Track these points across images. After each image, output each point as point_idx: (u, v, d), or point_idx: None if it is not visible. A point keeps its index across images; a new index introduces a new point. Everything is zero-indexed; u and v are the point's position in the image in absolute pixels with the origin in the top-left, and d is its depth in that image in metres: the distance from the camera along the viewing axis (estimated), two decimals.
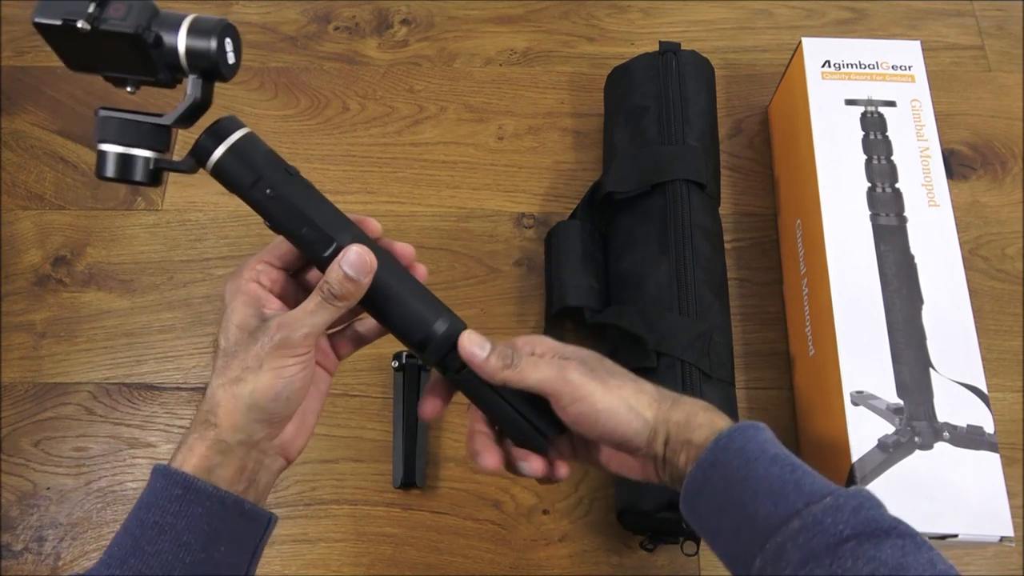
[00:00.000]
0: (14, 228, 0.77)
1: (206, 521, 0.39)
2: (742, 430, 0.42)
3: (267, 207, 0.42)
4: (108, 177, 0.40)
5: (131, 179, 0.40)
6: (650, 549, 0.63)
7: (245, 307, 0.41)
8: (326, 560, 0.64)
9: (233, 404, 0.40)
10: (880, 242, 0.63)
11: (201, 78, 0.40)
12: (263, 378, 0.39)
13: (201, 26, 0.39)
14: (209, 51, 0.39)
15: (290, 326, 0.40)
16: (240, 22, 0.87)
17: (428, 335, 0.43)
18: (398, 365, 0.68)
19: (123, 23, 0.38)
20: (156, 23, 0.39)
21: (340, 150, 0.81)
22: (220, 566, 0.39)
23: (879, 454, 0.56)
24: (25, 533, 0.65)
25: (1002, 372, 0.69)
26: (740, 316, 0.72)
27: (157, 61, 0.39)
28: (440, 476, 0.67)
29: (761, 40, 0.86)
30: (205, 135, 0.42)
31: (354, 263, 0.40)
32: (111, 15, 0.38)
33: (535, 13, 0.88)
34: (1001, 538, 0.54)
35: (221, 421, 0.40)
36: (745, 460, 0.41)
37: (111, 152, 0.40)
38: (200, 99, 0.41)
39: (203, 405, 0.40)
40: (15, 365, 0.71)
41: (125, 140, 0.40)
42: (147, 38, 0.38)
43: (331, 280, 0.40)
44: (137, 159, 0.40)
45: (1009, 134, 0.81)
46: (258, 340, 0.40)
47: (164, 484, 0.39)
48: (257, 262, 0.43)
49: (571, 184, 0.78)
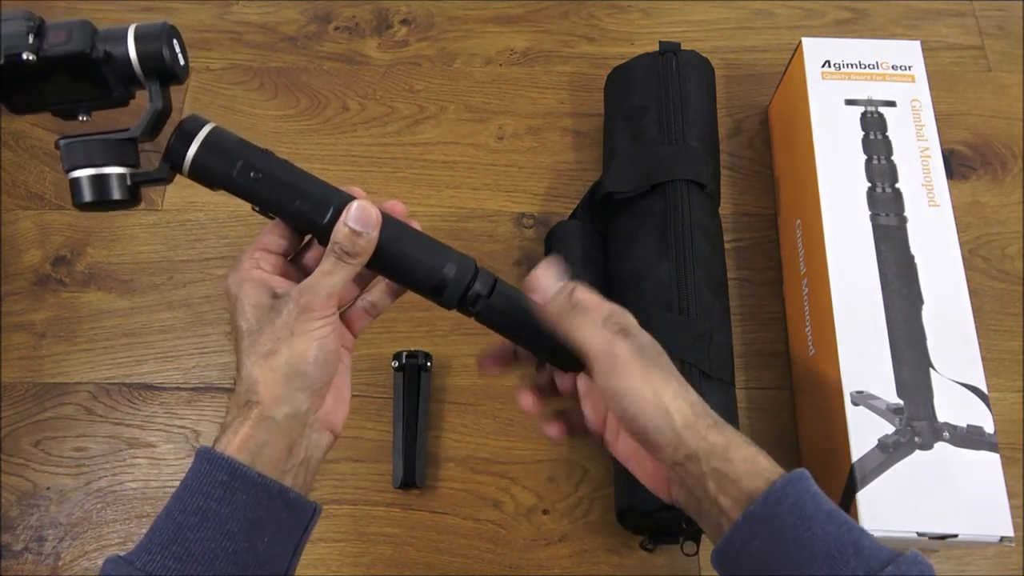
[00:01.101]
0: (14, 228, 0.77)
1: (250, 509, 0.38)
2: (795, 482, 0.39)
3: (255, 191, 0.42)
4: (87, 203, 0.40)
5: (110, 199, 0.40)
6: (650, 549, 0.63)
7: (256, 290, 0.41)
8: (326, 560, 0.64)
9: (272, 376, 0.39)
10: (880, 242, 0.63)
11: (158, 84, 0.40)
12: (297, 344, 0.40)
13: (147, 33, 0.39)
14: (161, 54, 0.39)
15: (311, 290, 0.40)
16: (240, 22, 0.87)
17: (442, 279, 0.43)
18: (398, 365, 0.68)
19: (68, 45, 0.37)
20: (99, 40, 0.38)
21: (340, 150, 0.81)
22: (263, 556, 0.39)
23: (879, 454, 0.56)
24: (25, 533, 0.65)
25: (1002, 372, 0.69)
26: (740, 316, 0.72)
27: (109, 78, 0.39)
28: (440, 476, 0.67)
29: (761, 40, 0.86)
30: (174, 138, 0.41)
31: (359, 218, 0.41)
32: (53, 41, 0.37)
33: (535, 13, 0.88)
34: (1001, 538, 0.54)
35: (263, 397, 0.39)
36: (801, 518, 0.38)
37: (84, 176, 0.39)
38: (162, 106, 0.41)
39: (239, 388, 0.40)
40: (15, 365, 0.71)
41: (95, 161, 0.39)
42: (95, 55, 0.38)
43: (340, 239, 0.41)
44: (112, 177, 0.40)
45: (1009, 134, 0.81)
46: (282, 311, 0.40)
47: (208, 468, 0.38)
48: (253, 251, 0.43)
49: (571, 184, 0.78)
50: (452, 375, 0.70)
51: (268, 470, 0.39)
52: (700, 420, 0.41)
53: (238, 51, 0.86)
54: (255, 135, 0.81)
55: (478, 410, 0.69)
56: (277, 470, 0.40)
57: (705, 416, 0.42)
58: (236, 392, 0.40)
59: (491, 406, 0.69)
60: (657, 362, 0.43)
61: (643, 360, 0.42)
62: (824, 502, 0.39)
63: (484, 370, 0.50)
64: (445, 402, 0.69)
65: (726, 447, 0.40)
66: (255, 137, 0.86)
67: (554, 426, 0.49)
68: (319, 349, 0.40)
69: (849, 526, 0.38)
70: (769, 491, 0.38)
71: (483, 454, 0.67)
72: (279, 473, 0.40)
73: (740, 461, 0.40)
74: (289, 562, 0.41)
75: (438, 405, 0.69)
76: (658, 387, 0.41)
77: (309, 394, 0.41)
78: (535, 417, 0.49)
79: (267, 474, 0.39)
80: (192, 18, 0.87)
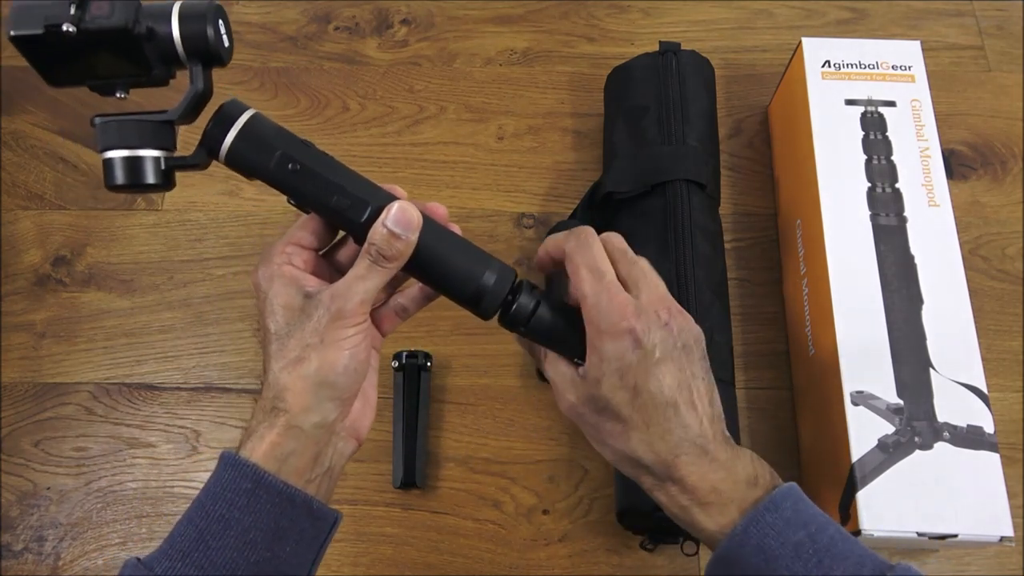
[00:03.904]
0: (14, 228, 0.77)
1: (273, 519, 0.37)
2: (757, 520, 0.38)
3: (293, 183, 0.40)
4: (119, 185, 0.38)
5: (143, 183, 0.39)
6: (650, 549, 0.63)
7: (286, 288, 0.39)
8: (326, 560, 0.63)
9: (301, 385, 0.38)
10: (880, 242, 0.63)
11: (201, 65, 0.38)
12: (327, 353, 0.38)
13: (193, 11, 0.37)
14: (205, 34, 0.37)
15: (344, 295, 0.38)
16: (240, 22, 0.87)
17: (480, 288, 0.41)
18: (398, 365, 0.68)
19: (111, 19, 0.36)
20: (143, 16, 0.37)
21: (340, 150, 0.80)
22: (284, 565, 0.38)
23: (879, 454, 0.56)
24: (25, 533, 0.65)
25: (1002, 372, 0.69)
26: (740, 316, 0.72)
27: (150, 56, 0.37)
28: (440, 476, 0.67)
29: (761, 40, 0.86)
30: (212, 123, 0.40)
31: (400, 220, 0.39)
32: (95, 14, 0.36)
33: (535, 13, 0.88)
34: (1001, 538, 0.54)
35: (291, 405, 0.38)
36: (765, 559, 0.37)
37: (118, 158, 0.38)
38: (203, 88, 0.39)
39: (266, 393, 0.38)
40: (15, 365, 0.71)
41: (131, 142, 0.38)
42: (138, 31, 0.36)
43: (377, 241, 0.39)
44: (147, 160, 0.38)
45: (1009, 134, 0.81)
46: (312, 316, 0.38)
47: (232, 475, 0.37)
48: (285, 245, 0.41)
49: (571, 184, 0.78)
50: (452, 375, 0.70)
51: (293, 479, 0.38)
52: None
53: (238, 51, 0.86)
54: None
55: (478, 410, 0.69)
56: (302, 479, 0.39)
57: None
58: (263, 396, 0.39)
59: (491, 406, 0.69)
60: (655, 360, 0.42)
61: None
62: (794, 532, 0.38)
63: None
64: (445, 402, 0.69)
65: (700, 482, 0.40)
66: None
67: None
68: (350, 358, 0.39)
69: (820, 558, 0.37)
70: (732, 533, 0.38)
71: (483, 454, 0.67)
72: (303, 482, 0.39)
73: (708, 492, 0.40)
74: (308, 570, 0.40)
75: (438, 405, 0.69)
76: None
77: (338, 403, 0.39)
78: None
79: (292, 483, 0.38)
80: None
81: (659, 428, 0.40)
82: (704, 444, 0.40)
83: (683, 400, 0.41)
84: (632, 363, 0.40)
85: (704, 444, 0.40)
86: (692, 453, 0.40)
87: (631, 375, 0.40)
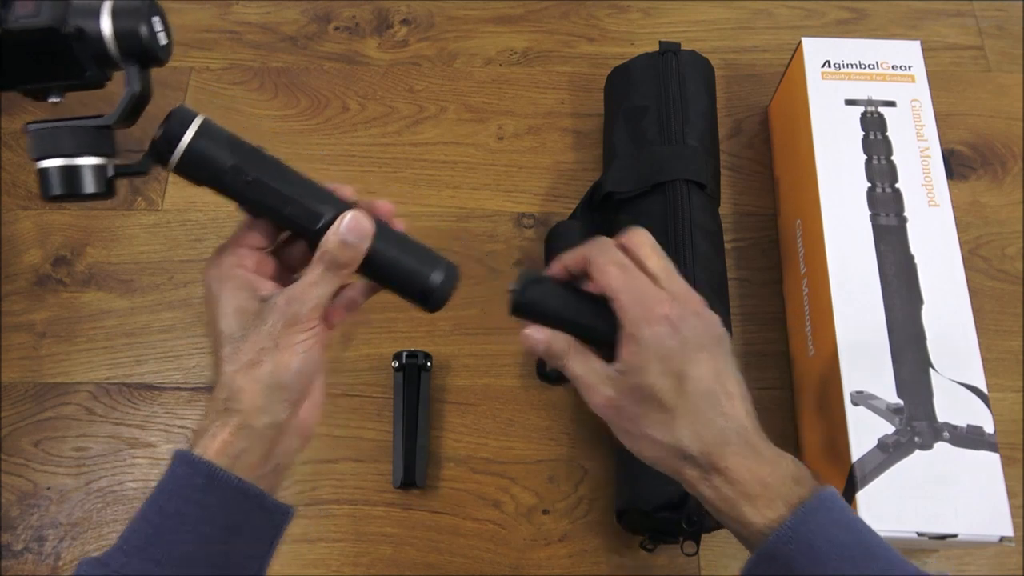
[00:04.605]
0: (14, 228, 0.77)
1: (227, 513, 0.38)
2: (807, 518, 0.38)
3: (246, 194, 0.40)
4: (56, 196, 0.36)
5: (82, 192, 0.37)
6: (650, 549, 0.63)
7: (239, 291, 0.40)
8: (326, 560, 0.64)
9: (255, 387, 0.39)
10: (880, 242, 0.63)
11: (136, 66, 0.37)
12: (281, 356, 0.39)
13: (125, 8, 0.35)
14: (138, 33, 0.35)
15: (298, 300, 0.39)
16: (240, 22, 0.87)
17: (427, 286, 0.43)
18: (398, 365, 0.68)
19: (37, 19, 0.34)
20: (72, 14, 0.35)
21: (340, 150, 0.81)
22: (238, 559, 0.39)
23: (879, 454, 0.56)
24: (25, 533, 0.65)
25: (1002, 372, 0.69)
26: (740, 316, 0.72)
27: (81, 56, 0.35)
28: (440, 476, 0.67)
29: (761, 40, 0.86)
30: (162, 130, 0.38)
31: (353, 229, 0.40)
32: (20, 13, 0.34)
33: (535, 13, 0.88)
34: (1001, 538, 0.54)
35: (245, 406, 0.39)
36: (813, 559, 0.37)
37: (53, 167, 0.36)
38: (139, 90, 0.37)
39: (218, 394, 0.39)
40: (15, 365, 0.71)
41: (66, 150, 0.36)
42: (66, 31, 0.34)
43: (331, 249, 0.40)
44: (84, 169, 0.36)
45: (1009, 134, 0.81)
46: (267, 320, 0.39)
47: (187, 472, 0.38)
48: (236, 247, 0.41)
49: (571, 184, 0.78)
50: (452, 375, 0.70)
51: (245, 475, 0.39)
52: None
53: (238, 51, 0.86)
54: (255, 135, 0.80)
55: (478, 410, 0.69)
56: (253, 475, 0.40)
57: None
58: (214, 396, 0.40)
59: (491, 406, 0.69)
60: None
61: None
62: (841, 533, 0.38)
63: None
64: (445, 402, 0.69)
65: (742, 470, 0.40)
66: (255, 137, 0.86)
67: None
68: (303, 362, 0.40)
69: (865, 561, 0.37)
70: (780, 528, 0.38)
71: (483, 454, 0.67)
72: (255, 478, 0.40)
73: (756, 485, 0.39)
74: (261, 563, 0.41)
75: (438, 405, 0.69)
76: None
77: (289, 404, 0.40)
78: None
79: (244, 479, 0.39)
80: (192, 18, 0.87)
81: (704, 416, 0.40)
82: (747, 436, 0.41)
83: (721, 391, 0.41)
84: (674, 348, 0.40)
85: (747, 436, 0.41)
86: (738, 444, 0.40)
87: (674, 361, 0.40)
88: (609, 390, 0.42)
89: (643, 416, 0.41)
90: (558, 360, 0.45)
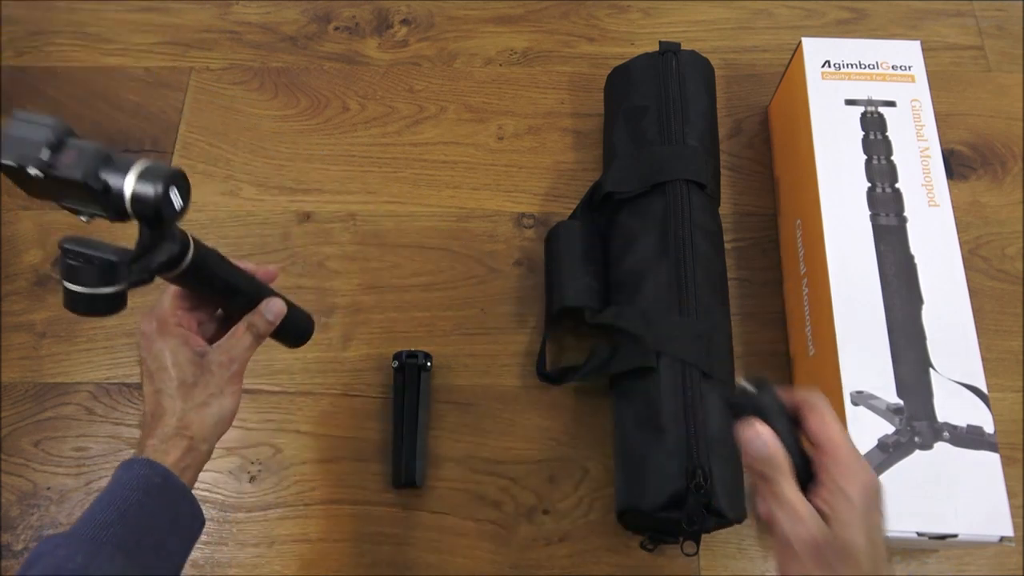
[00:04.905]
0: (14, 228, 0.77)
1: (173, 511, 0.47)
2: None
3: (210, 289, 0.50)
4: (77, 312, 0.44)
5: (99, 314, 0.45)
6: (650, 549, 0.63)
7: (183, 347, 0.50)
8: (326, 560, 0.64)
9: (204, 422, 0.49)
10: (880, 242, 0.63)
11: (148, 226, 0.43)
12: (225, 401, 0.50)
13: (149, 173, 0.40)
14: (153, 201, 0.40)
15: (236, 360, 0.51)
16: (240, 22, 0.87)
17: (308, 335, 0.59)
18: (398, 365, 0.68)
19: (72, 170, 0.39)
20: (106, 169, 0.40)
21: (340, 150, 0.81)
22: (171, 555, 0.47)
23: (879, 454, 0.56)
24: (25, 533, 0.65)
25: (1002, 372, 0.69)
26: (740, 316, 0.72)
27: (104, 204, 0.41)
28: (440, 476, 0.67)
29: (761, 40, 0.86)
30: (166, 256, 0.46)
31: (275, 312, 0.53)
32: (63, 161, 0.39)
33: (535, 13, 0.88)
34: (1001, 538, 0.54)
35: (195, 434, 0.49)
36: None
37: (77, 292, 0.43)
38: (148, 244, 0.44)
39: (168, 420, 0.48)
40: (15, 365, 0.71)
41: (88, 283, 0.43)
42: (95, 186, 0.40)
43: (259, 325, 0.52)
44: (99, 297, 0.44)
45: (1009, 134, 0.81)
46: (214, 373, 0.50)
47: (148, 472, 0.46)
48: (174, 308, 0.51)
49: (571, 184, 0.78)
50: (452, 375, 0.70)
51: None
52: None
53: (238, 51, 0.86)
54: (255, 135, 0.81)
55: (478, 410, 0.69)
56: (189, 486, 0.49)
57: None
58: (164, 423, 0.48)
59: (491, 406, 0.69)
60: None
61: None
62: None
63: None
64: (445, 402, 0.69)
65: None
66: (255, 137, 0.86)
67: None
68: (237, 403, 0.52)
69: None
70: None
71: (483, 454, 0.67)
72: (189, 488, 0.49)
73: None
74: (183, 559, 0.48)
75: (438, 405, 0.69)
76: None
77: (222, 432, 0.51)
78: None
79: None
80: (192, 18, 0.87)
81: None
82: None
83: (886, 555, 0.43)
84: (872, 513, 0.43)
85: None
86: None
87: (871, 526, 0.43)
88: (816, 530, 0.43)
89: (837, 567, 0.42)
90: (771, 472, 0.44)
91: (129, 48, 0.86)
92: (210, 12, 0.88)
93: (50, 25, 0.88)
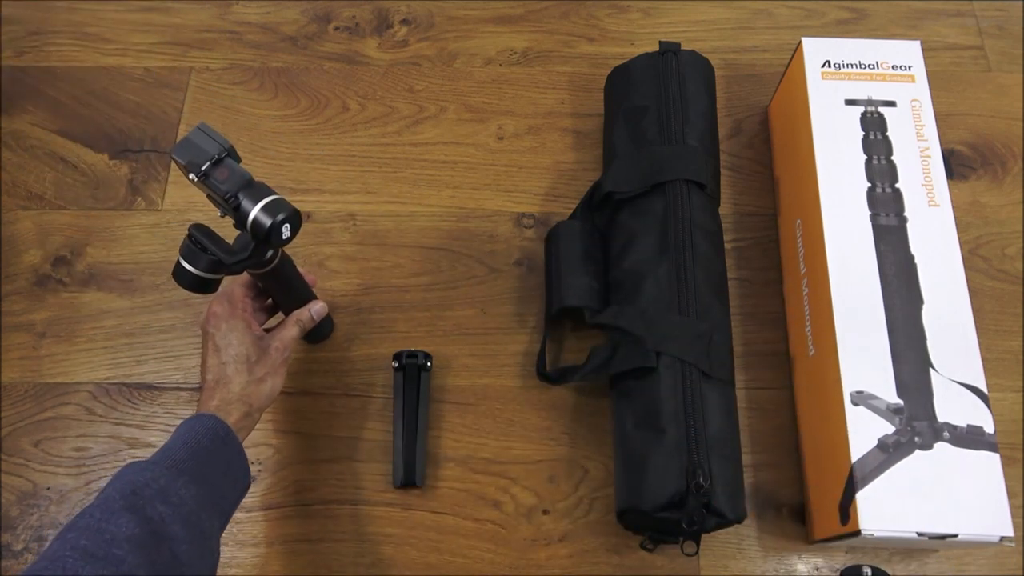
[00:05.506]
0: (14, 228, 0.77)
1: (228, 462, 0.54)
2: None
3: (279, 285, 0.61)
4: (183, 285, 0.54)
5: (200, 292, 0.54)
6: (650, 549, 0.63)
7: (247, 330, 0.59)
8: (326, 560, 0.64)
9: (260, 394, 0.58)
10: (880, 242, 0.63)
11: (255, 242, 0.52)
12: (276, 380, 0.59)
13: (272, 207, 0.50)
14: (267, 230, 0.50)
15: (286, 347, 0.61)
16: (240, 22, 0.87)
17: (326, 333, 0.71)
18: (398, 365, 0.68)
19: (220, 185, 0.50)
20: (246, 192, 0.50)
21: (340, 150, 0.81)
22: (225, 501, 0.54)
23: (879, 454, 0.56)
24: (25, 533, 0.65)
25: (1002, 372, 0.69)
26: (740, 316, 0.72)
27: (235, 217, 0.51)
28: (440, 476, 0.67)
29: (761, 40, 0.86)
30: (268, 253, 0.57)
31: (320, 312, 0.65)
32: (217, 176, 0.50)
33: (535, 13, 0.88)
34: (1001, 538, 0.54)
35: (252, 404, 0.57)
36: None
37: (189, 271, 0.53)
38: (252, 252, 0.53)
39: (232, 389, 0.57)
40: (15, 365, 0.71)
41: (199, 267, 0.53)
42: (232, 202, 0.50)
43: (305, 320, 0.63)
44: (207, 280, 0.54)
45: (1009, 134, 0.81)
46: (271, 354, 0.59)
47: (214, 424, 0.54)
48: (243, 295, 0.61)
49: (571, 184, 0.78)
50: (452, 375, 0.70)
51: None
52: None
53: (238, 51, 0.86)
54: (255, 135, 0.81)
55: (478, 410, 0.69)
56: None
57: None
58: (228, 390, 0.57)
59: (491, 406, 0.69)
60: None
61: None
62: None
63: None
64: (445, 402, 0.69)
65: None
66: (255, 137, 0.86)
67: None
68: (282, 384, 0.60)
69: None
70: None
71: (483, 454, 0.67)
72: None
73: None
74: (230, 515, 0.55)
75: (438, 405, 0.69)
76: None
77: (267, 407, 0.60)
78: None
79: None
80: (192, 18, 0.87)
81: None
82: None
83: None
84: None
85: None
86: None
87: None
88: None
89: None
90: None
91: (129, 48, 0.86)
92: (210, 12, 0.88)
93: (50, 25, 0.88)
